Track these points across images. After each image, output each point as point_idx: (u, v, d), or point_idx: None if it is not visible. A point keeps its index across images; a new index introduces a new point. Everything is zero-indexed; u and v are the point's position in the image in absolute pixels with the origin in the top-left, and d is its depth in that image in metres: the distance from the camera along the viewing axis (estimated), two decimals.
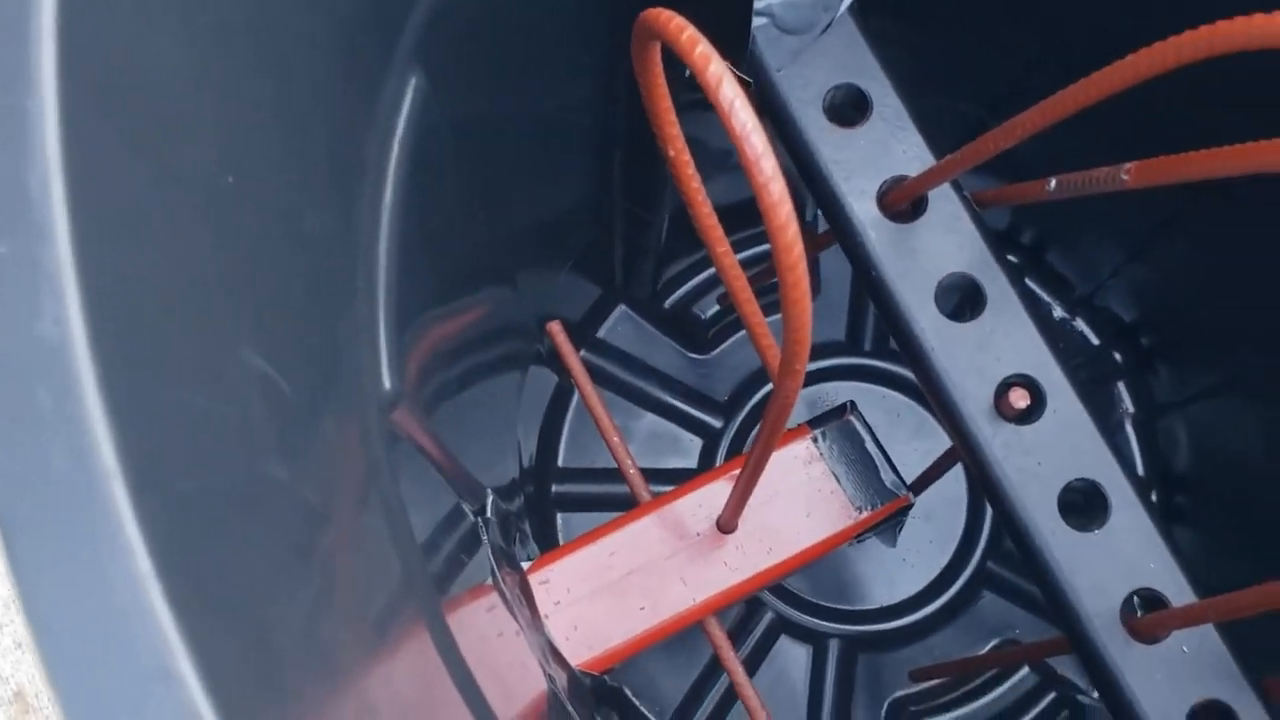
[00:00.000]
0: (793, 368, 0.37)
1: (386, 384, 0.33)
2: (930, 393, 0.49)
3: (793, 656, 0.77)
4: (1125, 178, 0.40)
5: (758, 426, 0.52)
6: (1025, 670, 0.76)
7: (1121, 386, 0.82)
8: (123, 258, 0.17)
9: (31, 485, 0.15)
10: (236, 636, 0.16)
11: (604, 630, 0.54)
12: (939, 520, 0.79)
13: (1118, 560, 0.47)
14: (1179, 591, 0.47)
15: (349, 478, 0.28)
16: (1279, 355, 0.67)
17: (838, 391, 0.82)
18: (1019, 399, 0.47)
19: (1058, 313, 0.83)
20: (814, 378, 0.82)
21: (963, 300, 0.49)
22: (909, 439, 0.79)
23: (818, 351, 0.83)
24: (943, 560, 0.79)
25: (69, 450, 0.15)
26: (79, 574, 0.15)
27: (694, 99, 0.54)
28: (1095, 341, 0.82)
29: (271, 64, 0.26)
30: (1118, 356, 0.82)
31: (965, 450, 0.48)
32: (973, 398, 0.48)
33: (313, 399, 0.26)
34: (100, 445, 0.15)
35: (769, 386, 0.83)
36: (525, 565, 0.55)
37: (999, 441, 0.48)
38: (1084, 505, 0.48)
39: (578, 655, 0.53)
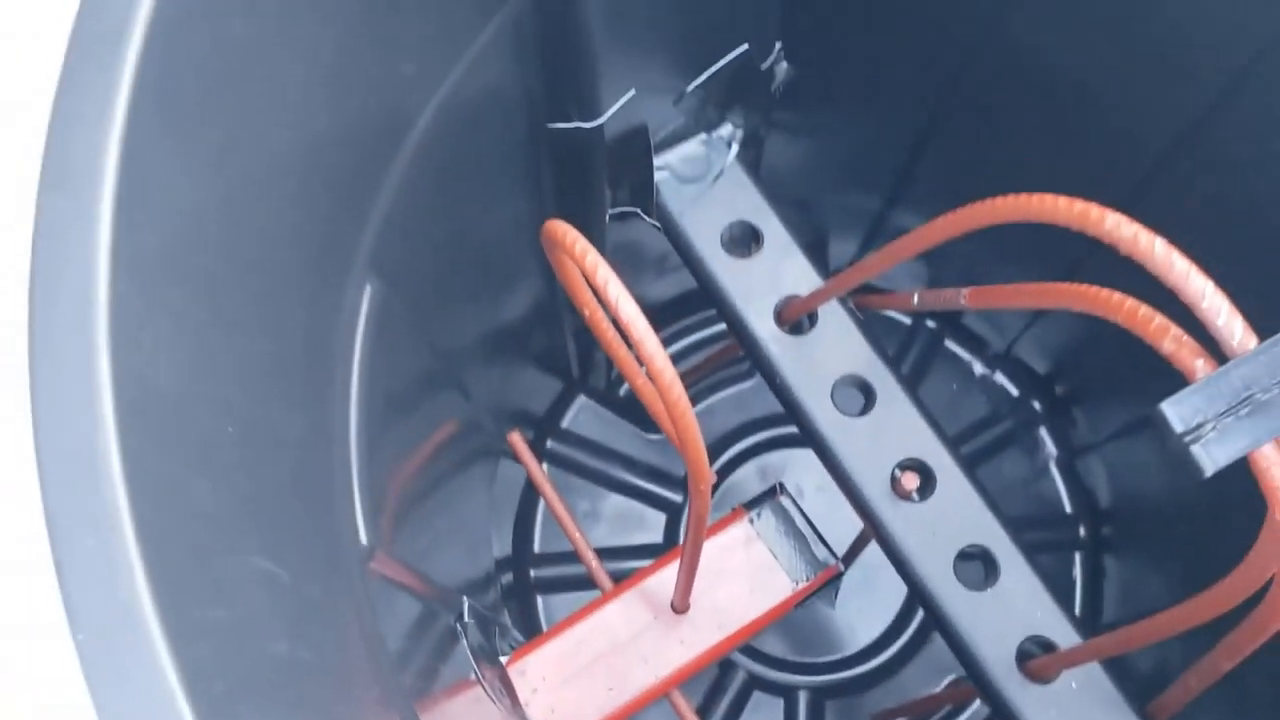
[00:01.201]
0: (698, 488, 0.45)
1: (364, 540, 0.41)
2: (835, 480, 0.57)
3: (766, 711, 0.84)
4: (964, 300, 0.48)
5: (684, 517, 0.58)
6: (978, 703, 0.83)
7: (1043, 431, 0.90)
8: (161, 527, 0.25)
9: (128, 701, 0.22)
10: None
11: (577, 712, 0.61)
12: (889, 571, 0.86)
13: (1009, 613, 0.54)
14: (1065, 636, 0.54)
15: (336, 630, 0.35)
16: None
17: (787, 459, 0.90)
18: (910, 481, 0.55)
19: (978, 369, 0.91)
20: (765, 446, 0.90)
21: (855, 398, 0.57)
22: None
23: (767, 422, 0.90)
24: (894, 609, 0.86)
25: (148, 678, 0.22)
26: None
27: (630, 211, 0.62)
28: (1015, 392, 0.90)
29: (239, 320, 0.33)
30: (1036, 405, 0.90)
31: (870, 527, 0.56)
32: (871, 482, 0.56)
33: (304, 577, 0.33)
34: (167, 671, 0.22)
35: (722, 459, 0.91)
36: (504, 658, 0.62)
37: (898, 518, 0.55)
38: (977, 568, 0.55)
39: None
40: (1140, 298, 0.36)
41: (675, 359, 0.92)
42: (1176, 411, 0.31)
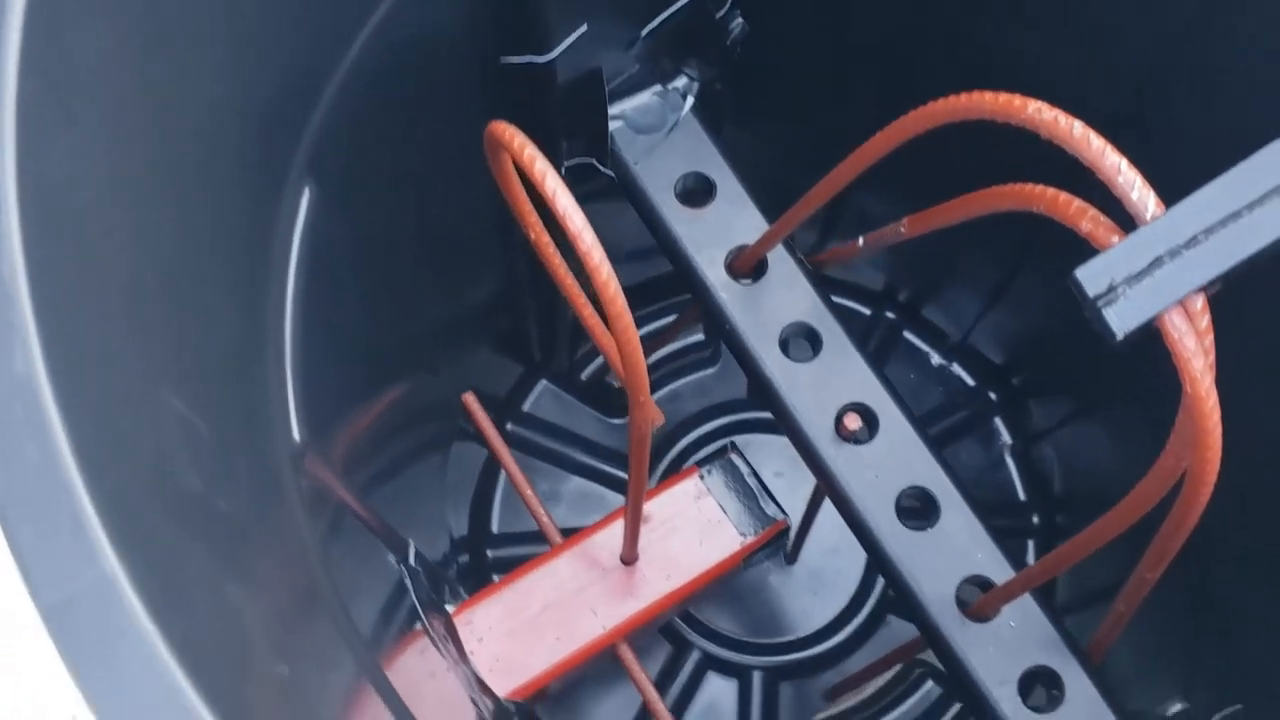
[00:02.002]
0: (637, 400, 0.45)
1: (296, 437, 0.41)
2: (782, 423, 0.57)
3: (720, 691, 0.84)
4: (903, 230, 0.49)
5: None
6: (930, 684, 0.82)
7: (999, 421, 0.91)
8: (66, 323, 0.25)
9: (15, 470, 0.22)
10: (158, 571, 0.24)
11: (523, 661, 0.60)
12: (844, 554, 0.86)
13: (949, 553, 0.55)
14: (1003, 575, 0.54)
15: (261, 500, 0.35)
16: (1116, 381, 0.76)
17: (747, 443, 0.90)
18: (852, 422, 0.55)
19: (936, 360, 0.92)
20: (721, 432, 0.90)
21: (802, 345, 0.58)
22: (805, 483, 0.86)
23: (723, 409, 0.91)
24: (850, 591, 0.86)
25: (39, 445, 0.22)
26: (51, 530, 0.22)
27: (584, 191, 0.63)
28: (971, 383, 0.91)
29: (175, 182, 0.34)
30: (992, 395, 0.91)
31: (814, 469, 0.56)
32: (816, 425, 0.56)
33: (225, 438, 0.33)
34: (62, 449, 0.23)
35: (683, 442, 0.91)
36: (450, 609, 0.62)
37: (841, 459, 0.56)
38: (918, 509, 0.56)
39: (502, 686, 0.60)
40: None
41: None
42: (1089, 276, 0.32)
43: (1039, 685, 0.53)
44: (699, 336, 0.92)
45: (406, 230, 0.60)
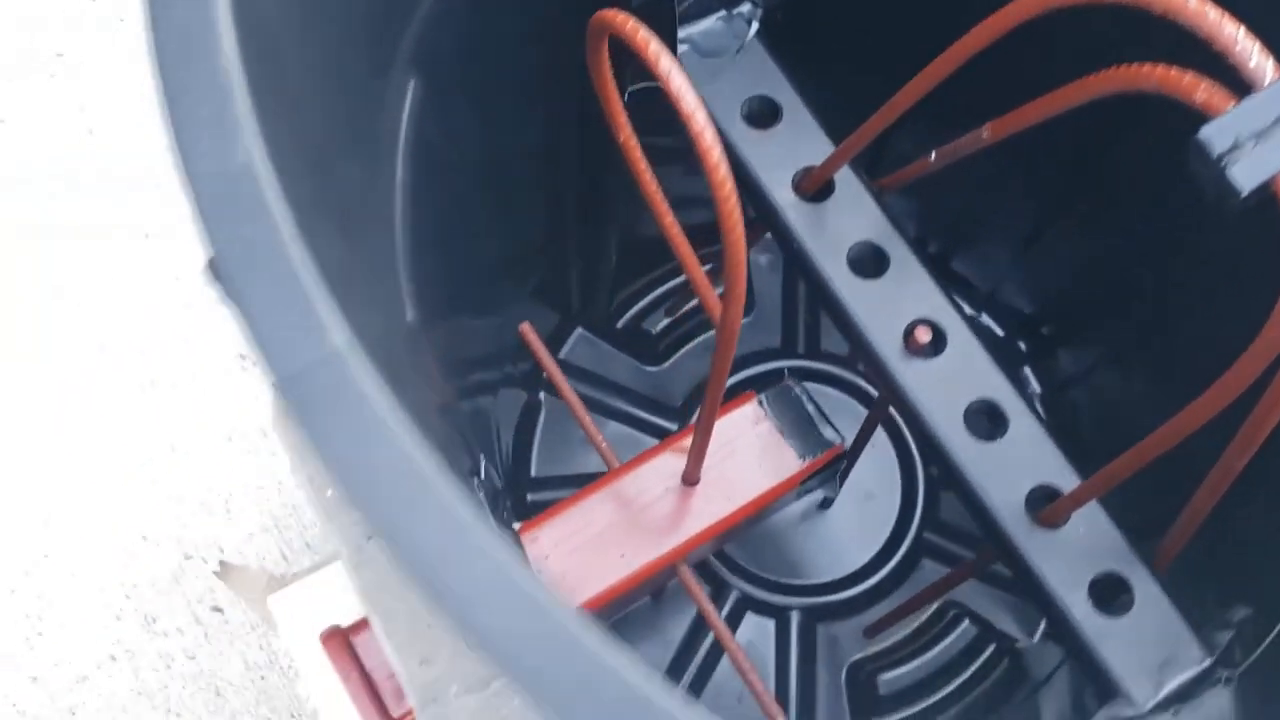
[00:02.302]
0: (734, 291, 0.46)
1: (408, 315, 0.42)
2: (850, 340, 0.58)
3: (759, 630, 0.85)
4: (985, 135, 0.50)
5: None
6: (966, 623, 0.83)
7: (1028, 371, 0.92)
8: (267, 127, 0.26)
9: (246, 256, 0.23)
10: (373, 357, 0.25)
11: (589, 576, 0.61)
12: (879, 499, 0.88)
13: (1017, 463, 0.56)
14: (1070, 485, 0.56)
15: (394, 363, 0.36)
16: (1147, 327, 0.78)
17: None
18: (923, 335, 0.57)
19: (966, 311, 0.92)
20: (755, 381, 0.91)
21: (869, 262, 0.59)
22: (845, 428, 0.87)
23: (758, 356, 0.92)
24: (885, 535, 0.87)
25: (266, 233, 0.23)
26: (283, 309, 0.23)
27: (649, 143, 0.63)
28: (1000, 334, 0.93)
29: (320, 34, 0.34)
30: (1022, 345, 0.92)
31: (883, 383, 0.57)
32: (884, 340, 0.57)
33: (370, 286, 0.34)
34: (279, 219, 0.23)
35: None
36: (516, 527, 0.62)
37: (910, 373, 0.57)
38: (986, 421, 0.57)
39: (568, 601, 0.61)
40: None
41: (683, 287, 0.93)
42: (1212, 134, 0.33)
43: (1108, 590, 0.54)
44: None
45: (485, 152, 0.60)
